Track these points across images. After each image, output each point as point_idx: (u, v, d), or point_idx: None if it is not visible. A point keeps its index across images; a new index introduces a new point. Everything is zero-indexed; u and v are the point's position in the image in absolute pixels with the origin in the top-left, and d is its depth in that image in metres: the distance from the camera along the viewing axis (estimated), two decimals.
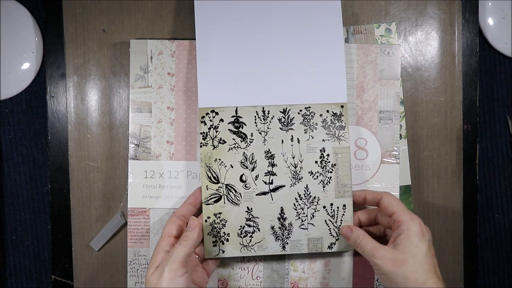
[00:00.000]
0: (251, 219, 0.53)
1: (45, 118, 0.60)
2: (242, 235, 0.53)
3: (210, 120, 0.52)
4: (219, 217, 0.52)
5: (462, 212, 0.57)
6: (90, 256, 0.57)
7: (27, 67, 0.59)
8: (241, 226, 0.53)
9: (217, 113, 0.52)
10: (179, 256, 0.47)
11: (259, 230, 0.53)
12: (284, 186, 0.53)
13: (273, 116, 0.53)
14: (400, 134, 0.56)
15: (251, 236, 0.53)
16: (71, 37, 0.56)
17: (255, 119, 0.53)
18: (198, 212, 0.53)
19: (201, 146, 0.52)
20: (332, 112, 0.53)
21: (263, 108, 0.53)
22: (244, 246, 0.53)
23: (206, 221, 0.52)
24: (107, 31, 0.57)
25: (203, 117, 0.52)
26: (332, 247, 0.53)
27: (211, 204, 0.52)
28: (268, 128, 0.53)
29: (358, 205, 0.54)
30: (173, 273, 0.46)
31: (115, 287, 0.57)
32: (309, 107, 0.53)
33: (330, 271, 0.56)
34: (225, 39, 0.53)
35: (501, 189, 0.62)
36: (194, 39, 0.54)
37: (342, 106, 0.53)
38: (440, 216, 0.57)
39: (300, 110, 0.53)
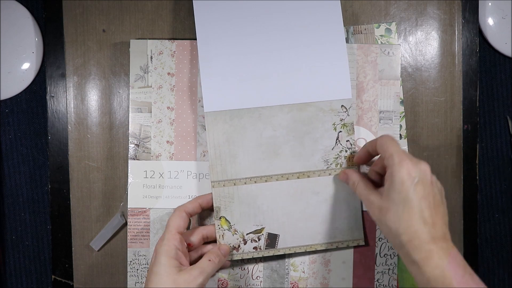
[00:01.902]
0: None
1: (45, 118, 0.60)
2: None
3: None
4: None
5: (462, 212, 0.57)
6: (90, 256, 0.57)
7: (27, 67, 0.59)
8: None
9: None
10: (207, 273, 0.48)
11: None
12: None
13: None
14: (400, 134, 0.56)
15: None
16: (71, 37, 0.56)
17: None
18: (204, 213, 0.54)
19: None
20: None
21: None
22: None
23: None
24: (107, 31, 0.57)
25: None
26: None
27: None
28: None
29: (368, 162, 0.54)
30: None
31: (115, 287, 0.57)
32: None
33: (330, 271, 0.56)
34: (226, 40, 0.53)
35: (501, 189, 0.62)
36: (194, 39, 0.54)
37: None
38: None
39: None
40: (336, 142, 0.53)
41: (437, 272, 0.41)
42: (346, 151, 0.53)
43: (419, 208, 0.42)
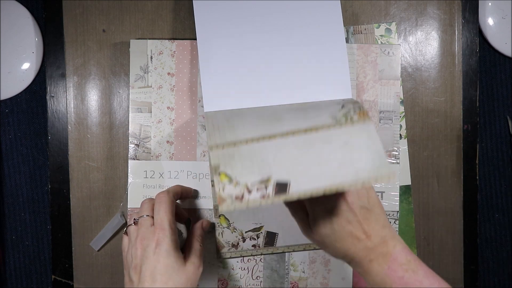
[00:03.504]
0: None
1: (45, 118, 0.60)
2: None
3: None
4: None
5: (462, 212, 0.57)
6: (90, 256, 0.57)
7: (27, 67, 0.59)
8: None
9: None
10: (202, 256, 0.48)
11: None
12: None
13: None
14: (400, 134, 0.56)
15: None
16: (71, 37, 0.57)
17: None
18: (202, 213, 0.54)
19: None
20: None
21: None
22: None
23: None
24: (107, 31, 0.57)
25: None
26: None
27: None
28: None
29: None
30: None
31: (115, 287, 0.57)
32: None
33: (330, 271, 0.56)
34: (226, 39, 0.53)
35: (501, 189, 0.62)
36: (194, 39, 0.54)
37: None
38: (440, 216, 0.57)
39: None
40: (342, 106, 0.49)
41: (377, 279, 0.42)
42: (355, 111, 0.47)
43: (348, 231, 0.43)
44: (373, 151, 0.44)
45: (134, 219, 0.48)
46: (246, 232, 0.53)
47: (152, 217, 0.47)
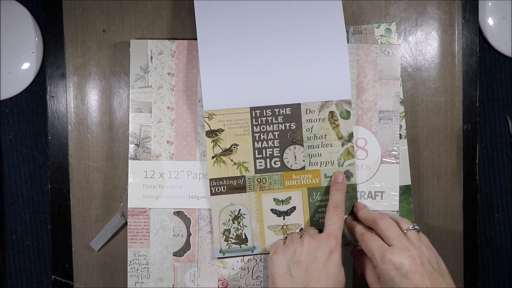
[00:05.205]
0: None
1: (45, 118, 0.60)
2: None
3: None
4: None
5: (462, 212, 0.57)
6: (90, 256, 0.57)
7: (27, 67, 0.59)
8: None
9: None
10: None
11: None
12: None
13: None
14: (400, 134, 0.56)
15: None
16: (71, 37, 0.57)
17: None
18: None
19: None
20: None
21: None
22: None
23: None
24: (107, 31, 0.57)
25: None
26: None
27: None
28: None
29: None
30: None
31: (115, 287, 0.57)
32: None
33: None
34: (227, 39, 0.53)
35: (501, 189, 0.62)
36: (194, 39, 0.54)
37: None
38: (440, 216, 0.57)
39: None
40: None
41: None
42: None
43: None
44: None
45: (301, 228, 0.51)
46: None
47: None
